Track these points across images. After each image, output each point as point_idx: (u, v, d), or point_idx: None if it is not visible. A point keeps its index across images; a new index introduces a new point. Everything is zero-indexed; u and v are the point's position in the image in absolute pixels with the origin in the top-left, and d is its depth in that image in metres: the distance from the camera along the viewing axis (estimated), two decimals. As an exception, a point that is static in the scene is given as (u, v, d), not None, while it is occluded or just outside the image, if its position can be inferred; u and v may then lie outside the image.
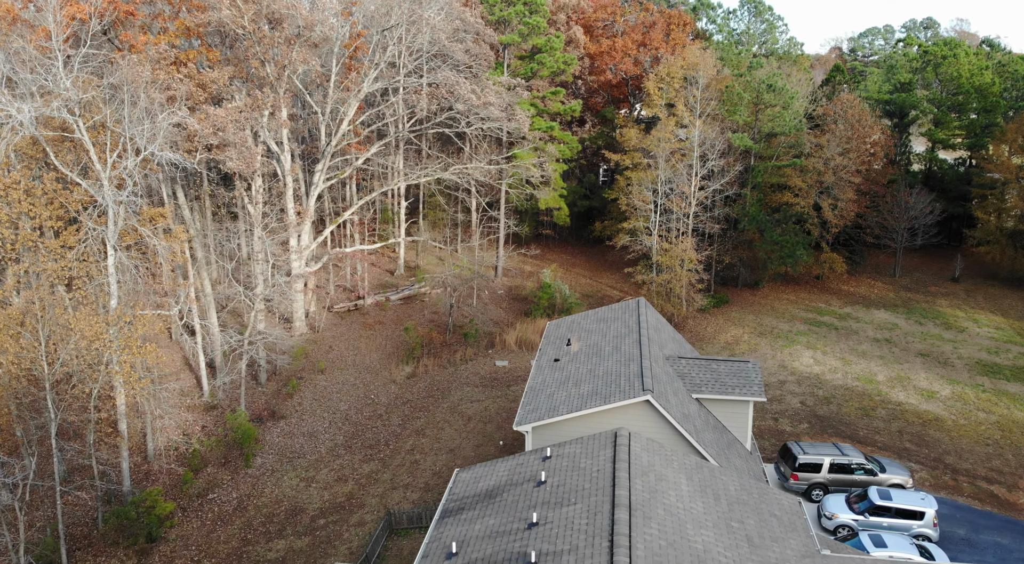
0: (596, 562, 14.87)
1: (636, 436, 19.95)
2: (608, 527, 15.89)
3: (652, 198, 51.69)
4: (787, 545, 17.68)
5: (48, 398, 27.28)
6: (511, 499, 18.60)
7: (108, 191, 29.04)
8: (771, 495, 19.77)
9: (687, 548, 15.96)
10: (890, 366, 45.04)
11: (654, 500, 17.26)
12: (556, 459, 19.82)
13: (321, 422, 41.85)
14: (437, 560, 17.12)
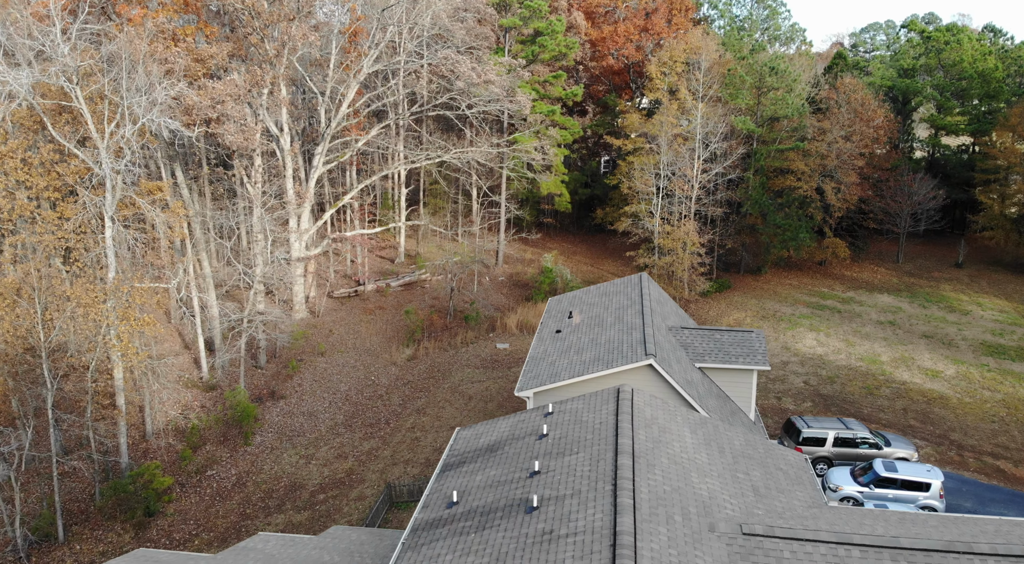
0: (599, 504, 14.57)
1: (639, 392, 19.64)
2: (611, 473, 15.59)
3: (654, 181, 51.41)
4: (794, 496, 17.37)
5: (44, 367, 27.00)
6: (512, 452, 18.30)
7: (106, 159, 28.77)
8: (777, 451, 19.46)
9: (691, 494, 15.65)
10: (894, 347, 44.71)
11: (658, 449, 16.96)
12: (558, 414, 19.52)
13: (321, 402, 41.56)
14: (438, 510, 16.82)
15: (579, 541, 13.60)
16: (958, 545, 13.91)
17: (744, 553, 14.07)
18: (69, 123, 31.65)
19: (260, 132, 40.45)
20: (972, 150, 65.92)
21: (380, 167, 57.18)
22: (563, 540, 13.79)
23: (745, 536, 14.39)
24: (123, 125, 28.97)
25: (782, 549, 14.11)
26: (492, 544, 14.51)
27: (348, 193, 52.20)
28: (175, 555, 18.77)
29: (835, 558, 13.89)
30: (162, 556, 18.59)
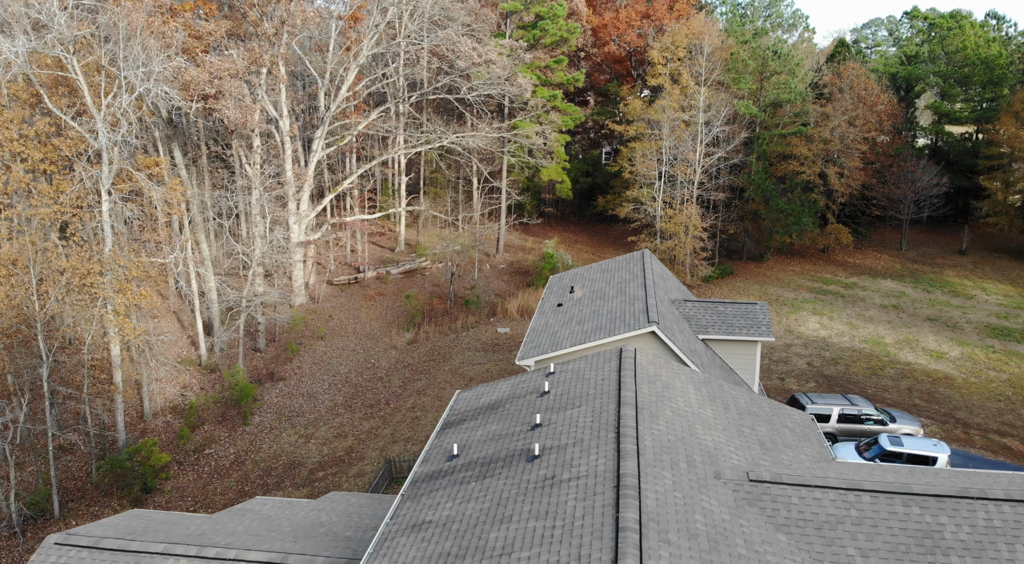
0: (602, 451, 14.24)
1: (642, 351, 19.32)
2: (614, 422, 15.26)
3: (657, 166, 51.09)
4: (801, 451, 17.03)
5: (40, 339, 26.68)
6: (513, 409, 17.97)
7: (102, 130, 28.46)
8: (783, 410, 19.12)
9: (696, 444, 15.32)
10: (898, 330, 44.35)
11: (661, 403, 16.62)
12: (560, 374, 19.19)
13: (321, 384, 41.22)
14: (438, 463, 16.49)
15: (582, 484, 13.27)
16: (972, 491, 13.58)
17: (751, 499, 13.74)
18: (66, 96, 31.35)
19: (259, 111, 40.14)
20: (976, 138, 65.56)
21: (380, 152, 56.85)
22: (565, 484, 13.47)
23: (752, 482, 14.06)
24: (120, 96, 28.67)
25: (790, 495, 13.78)
26: (493, 491, 14.18)
27: (348, 179, 51.86)
28: (170, 514, 18.44)
29: (844, 504, 13.56)
30: (156, 515, 18.26)
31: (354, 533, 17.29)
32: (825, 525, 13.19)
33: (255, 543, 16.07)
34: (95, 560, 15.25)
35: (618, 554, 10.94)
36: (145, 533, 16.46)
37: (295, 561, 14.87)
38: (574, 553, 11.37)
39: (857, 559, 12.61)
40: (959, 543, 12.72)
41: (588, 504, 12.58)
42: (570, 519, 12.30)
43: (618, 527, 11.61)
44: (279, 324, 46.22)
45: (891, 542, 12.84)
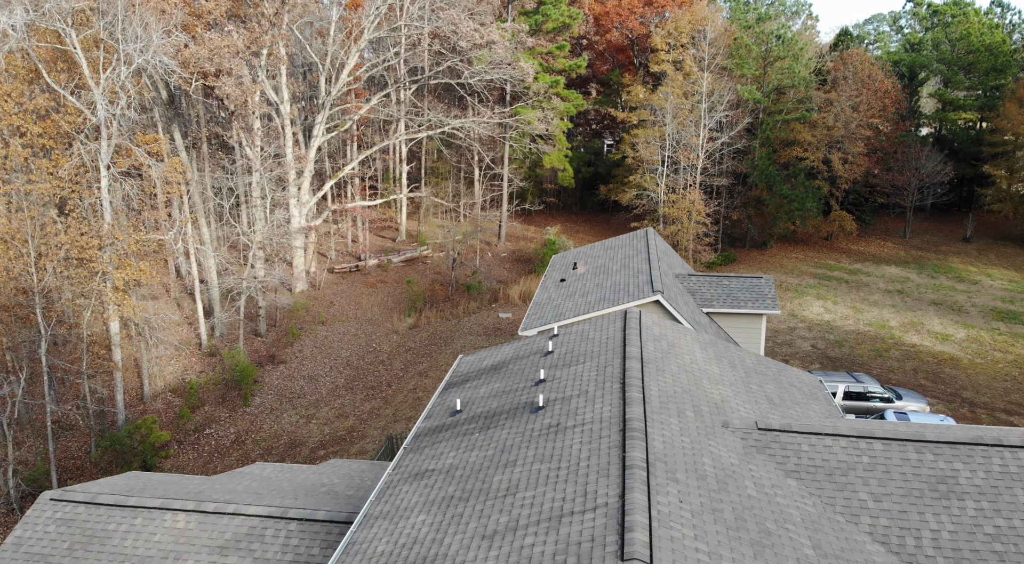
0: (607, 400, 13.96)
1: (647, 313, 19.04)
2: (620, 375, 14.98)
3: (660, 152, 50.83)
4: (809, 408, 16.75)
5: (38, 312, 26.44)
6: (517, 368, 17.70)
7: (100, 104, 28.22)
8: (791, 370, 18.84)
9: (703, 396, 15.04)
10: (902, 313, 44.05)
11: (667, 359, 16.35)
12: (564, 336, 18.92)
13: (322, 367, 40.98)
14: (440, 418, 16.21)
15: (587, 430, 13.00)
16: (986, 438, 13.29)
17: (760, 446, 13.46)
18: (64, 71, 31.11)
19: (259, 93, 39.90)
20: (979, 126, 65.23)
21: (382, 138, 56.60)
22: (570, 430, 13.19)
23: (761, 431, 13.79)
24: (118, 68, 28.42)
25: (800, 443, 13.51)
26: (497, 440, 13.92)
27: (349, 164, 51.63)
28: (168, 476, 18.18)
29: (856, 451, 13.28)
30: (155, 476, 18.00)
31: (355, 493, 17.03)
32: (836, 471, 12.91)
33: (255, 499, 15.81)
34: (91, 515, 14.99)
35: (625, 489, 10.67)
36: (143, 491, 16.20)
37: (295, 514, 14.61)
38: (580, 490, 11.10)
39: (869, 503, 12.33)
40: (974, 488, 12.43)
41: (594, 446, 12.31)
42: (575, 461, 12.04)
43: (624, 465, 11.33)
44: (280, 309, 45.99)
45: (904, 487, 12.55)
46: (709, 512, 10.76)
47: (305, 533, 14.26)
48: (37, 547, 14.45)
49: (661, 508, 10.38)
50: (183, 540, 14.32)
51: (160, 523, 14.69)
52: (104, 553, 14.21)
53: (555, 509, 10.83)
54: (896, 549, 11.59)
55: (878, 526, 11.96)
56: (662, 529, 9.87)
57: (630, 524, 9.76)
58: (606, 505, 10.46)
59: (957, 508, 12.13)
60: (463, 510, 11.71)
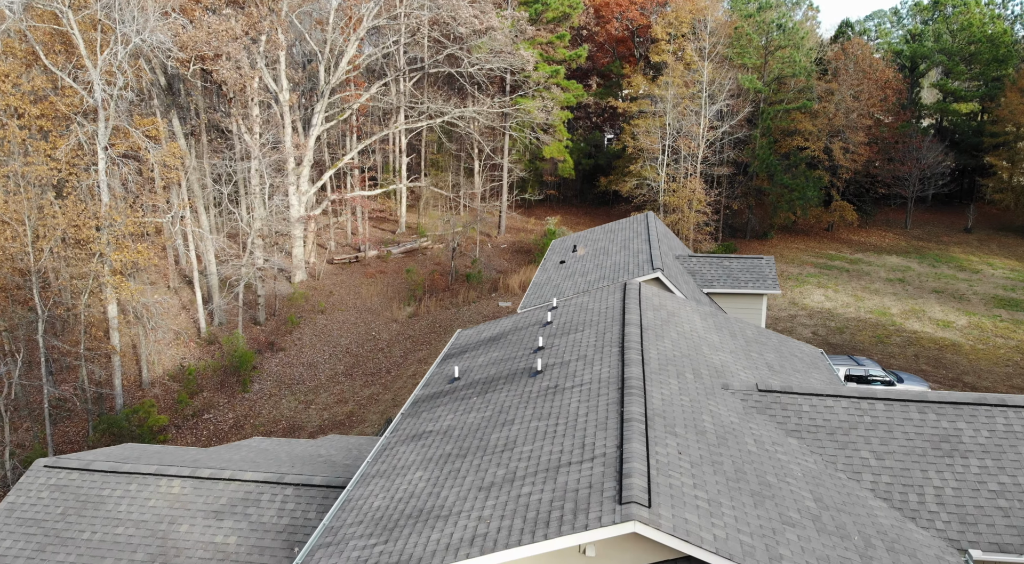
0: (606, 362, 13.82)
1: (646, 285, 18.90)
2: (619, 339, 14.84)
3: (660, 140, 50.68)
4: (810, 376, 16.60)
5: (35, 291, 26.31)
6: (516, 338, 17.56)
7: (98, 84, 28.08)
8: (792, 341, 18.69)
9: (703, 361, 14.90)
10: (903, 301, 43.88)
11: (667, 326, 16.21)
12: (563, 308, 18.78)
13: (321, 354, 40.84)
14: (439, 386, 16.08)
15: (585, 390, 12.85)
16: (990, 399, 13.15)
17: (760, 407, 13.32)
18: (62, 53, 30.99)
19: (257, 78, 39.77)
20: (981, 117, 65.04)
21: (381, 128, 56.48)
22: (568, 390, 13.05)
23: (761, 392, 13.64)
24: (115, 48, 28.29)
25: (801, 404, 13.37)
26: (495, 402, 13.77)
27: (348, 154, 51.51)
28: (164, 447, 18.05)
29: (858, 411, 13.13)
30: (150, 447, 17.87)
31: (353, 462, 16.89)
32: (838, 430, 12.77)
33: (251, 467, 15.67)
34: (85, 481, 14.86)
35: (623, 439, 10.53)
36: (138, 459, 16.07)
37: (291, 480, 14.47)
38: (577, 443, 10.96)
39: (871, 461, 12.18)
40: (978, 446, 12.28)
41: (591, 404, 12.17)
42: (573, 417, 11.90)
43: (623, 419, 11.19)
44: (279, 298, 45.86)
45: (907, 446, 12.41)
46: (708, 464, 10.62)
47: (301, 497, 14.13)
48: (30, 513, 14.31)
49: (660, 458, 10.24)
50: (178, 505, 14.18)
51: (155, 489, 14.56)
52: (98, 518, 14.08)
53: (552, 461, 10.69)
54: (899, 505, 11.44)
55: (880, 483, 11.82)
56: (661, 477, 9.73)
57: (628, 471, 9.63)
58: (604, 455, 10.32)
59: (960, 466, 11.99)
60: (460, 466, 11.57)
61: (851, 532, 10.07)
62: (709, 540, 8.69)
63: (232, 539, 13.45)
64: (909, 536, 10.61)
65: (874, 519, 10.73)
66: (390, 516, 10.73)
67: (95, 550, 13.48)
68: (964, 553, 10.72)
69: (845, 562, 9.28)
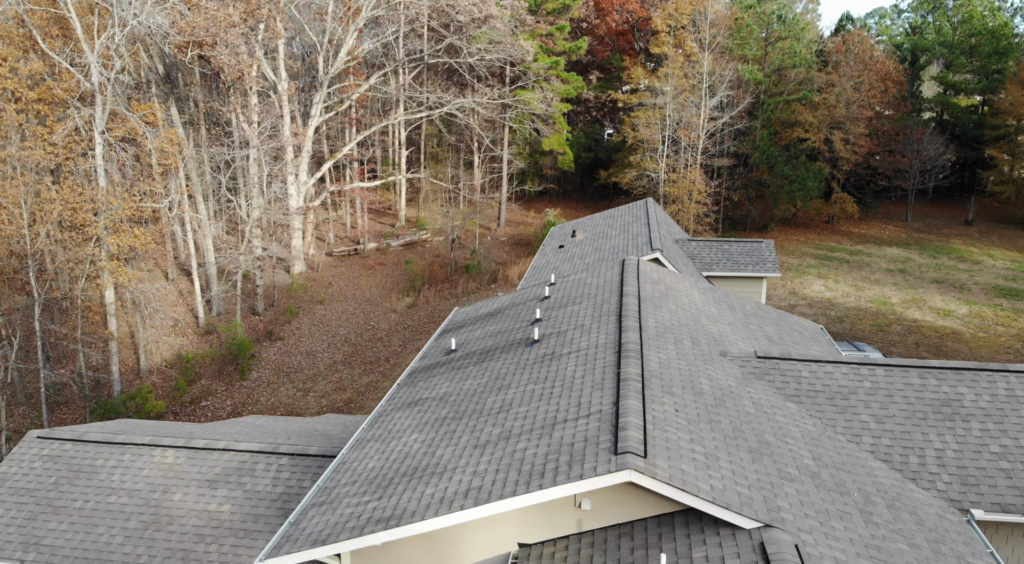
0: (603, 329, 13.69)
1: (645, 262, 18.77)
2: (616, 309, 14.71)
3: (660, 131, 50.55)
4: (810, 348, 16.47)
5: (31, 274, 26.19)
6: (513, 313, 17.43)
7: (95, 67, 27.97)
8: (791, 317, 18.56)
9: (702, 331, 14.77)
10: (904, 291, 43.75)
11: (665, 298, 16.08)
12: (561, 283, 18.66)
13: (320, 344, 40.71)
14: (435, 358, 15.95)
15: (582, 355, 12.73)
16: (992, 366, 13.01)
17: (759, 373, 13.19)
18: (59, 38, 30.88)
19: (255, 66, 39.66)
20: (981, 110, 64.90)
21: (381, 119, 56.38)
22: (566, 356, 12.93)
23: (760, 359, 13.52)
24: (113, 30, 28.18)
25: (800, 370, 13.24)
26: (491, 370, 13.65)
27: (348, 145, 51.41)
28: (158, 422, 17.93)
29: (857, 376, 13.00)
30: (145, 422, 17.74)
31: (350, 436, 16.75)
32: (837, 395, 12.64)
33: (247, 439, 15.55)
34: (79, 451, 14.74)
35: (619, 397, 10.40)
36: (133, 432, 15.95)
37: (287, 450, 14.34)
38: (573, 402, 10.83)
39: (871, 425, 12.05)
40: (979, 410, 12.15)
41: (588, 367, 12.04)
42: (570, 380, 11.77)
43: (619, 379, 11.06)
44: (278, 289, 45.76)
45: (907, 410, 12.28)
46: (706, 422, 10.49)
47: (296, 467, 14.00)
48: (22, 482, 14.19)
49: (656, 414, 10.11)
50: (172, 474, 14.06)
51: (148, 459, 14.43)
52: (91, 487, 13.96)
53: (548, 419, 10.57)
54: (899, 467, 11.31)
55: (880, 446, 11.69)
56: (657, 431, 9.61)
57: (624, 425, 9.50)
58: (600, 412, 10.20)
59: (962, 429, 11.86)
60: (456, 427, 11.45)
61: (850, 489, 9.95)
62: (706, 490, 8.56)
63: (226, 507, 13.32)
64: (910, 495, 10.48)
65: (874, 478, 10.61)
66: (384, 475, 10.61)
67: (87, 518, 13.36)
68: (966, 513, 10.60)
69: (844, 516, 9.15)
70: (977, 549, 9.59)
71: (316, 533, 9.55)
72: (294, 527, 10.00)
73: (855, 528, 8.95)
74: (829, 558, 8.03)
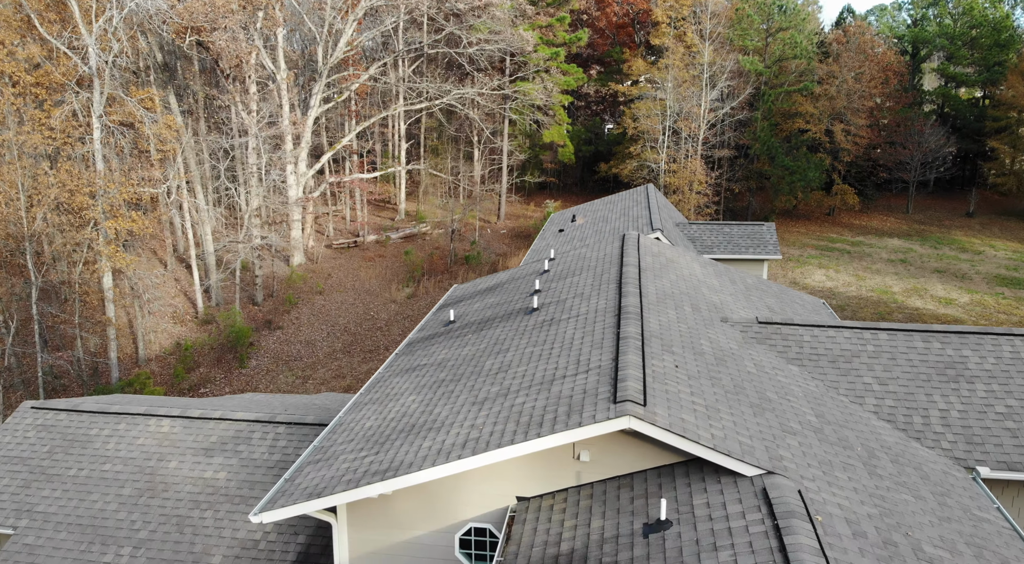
0: (603, 296, 13.54)
1: (644, 236, 18.62)
2: (616, 278, 14.56)
3: (661, 121, 50.42)
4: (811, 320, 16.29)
5: (28, 257, 26.05)
6: (512, 286, 17.29)
7: (93, 51, 27.84)
8: (793, 292, 18.41)
9: (702, 299, 14.62)
10: (905, 280, 43.59)
11: (665, 270, 15.93)
12: (560, 258, 18.51)
13: (319, 333, 40.57)
14: (434, 329, 15.81)
15: (582, 320, 12.58)
16: (996, 330, 12.85)
17: (760, 338, 13.04)
18: (56, 23, 30.74)
19: (254, 53, 39.53)
20: (982, 102, 64.73)
21: (380, 110, 56.26)
22: (565, 321, 12.78)
23: (761, 324, 13.37)
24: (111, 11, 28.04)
25: (802, 334, 13.09)
26: (490, 337, 13.50)
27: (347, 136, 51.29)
28: (153, 396, 17.78)
29: (860, 340, 12.86)
30: (140, 396, 17.59)
31: (346, 410, 16.60)
32: (840, 358, 12.49)
33: (243, 410, 15.40)
34: (73, 421, 14.59)
35: (619, 353, 10.25)
36: (128, 404, 15.80)
37: (284, 419, 14.19)
38: (572, 360, 10.68)
39: (875, 386, 11.90)
40: (984, 372, 12.00)
41: (588, 329, 11.90)
42: (569, 341, 11.62)
43: (619, 337, 10.92)
44: (277, 280, 45.62)
45: (911, 372, 12.13)
46: (707, 378, 10.34)
47: (293, 435, 13.85)
48: (16, 451, 14.05)
49: (656, 369, 9.97)
50: (167, 443, 13.92)
51: (144, 428, 14.29)
52: (85, 455, 13.81)
53: (547, 376, 10.42)
54: (903, 426, 11.16)
55: (883, 406, 11.54)
56: (657, 384, 9.46)
57: (623, 376, 9.35)
58: (599, 367, 10.05)
59: (967, 390, 11.71)
60: (454, 388, 11.30)
61: (854, 444, 9.79)
62: (707, 438, 8.41)
63: (222, 474, 13.17)
64: (914, 452, 10.32)
65: (878, 436, 10.45)
66: (382, 433, 10.46)
67: (81, 486, 13.21)
68: (972, 471, 10.44)
69: (848, 467, 9.00)
70: (983, 504, 9.44)
71: (312, 487, 9.40)
72: (289, 483, 9.86)
73: (859, 479, 8.80)
74: (833, 504, 7.88)
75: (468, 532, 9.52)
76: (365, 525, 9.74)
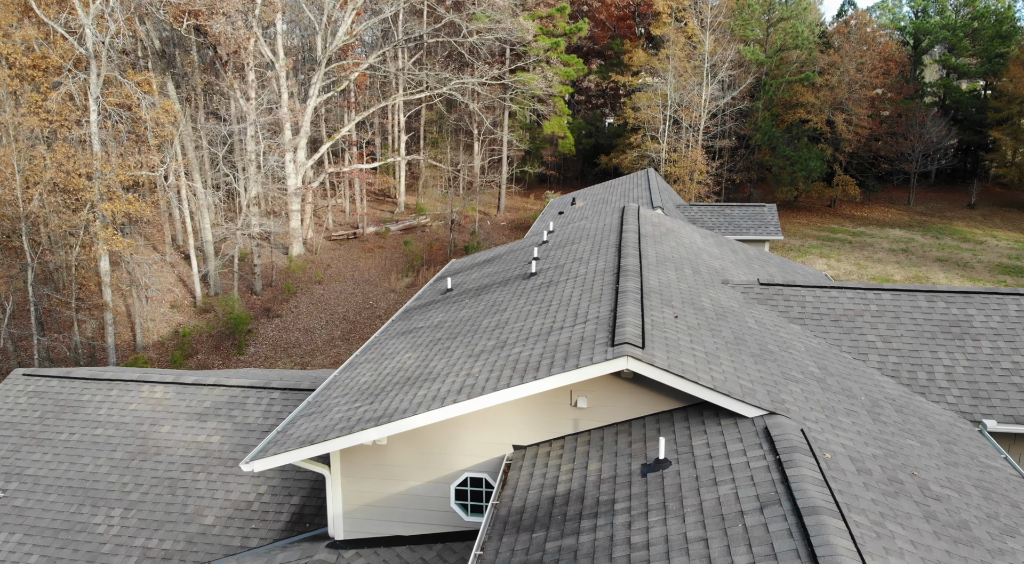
0: (602, 259, 13.34)
1: (644, 208, 18.43)
2: (616, 244, 14.37)
3: (661, 111, 50.23)
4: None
5: (23, 238, 25.87)
6: (511, 257, 17.09)
7: (90, 31, 27.66)
8: (794, 263, 18.21)
9: (703, 264, 14.42)
10: (907, 269, 43.38)
11: (666, 238, 15.73)
12: (559, 230, 18.33)
13: (318, 321, 40.38)
14: (431, 297, 15.61)
15: (580, 280, 12.38)
16: (1001, 290, 12.66)
17: (762, 298, 12.84)
18: (53, 5, 30.57)
19: (252, 40, 39.35)
20: (984, 93, 64.51)
21: (380, 100, 56.09)
22: (563, 283, 12.58)
23: (762, 285, 13.16)
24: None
25: (804, 295, 12.89)
26: (487, 300, 13.31)
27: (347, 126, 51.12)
28: (148, 369, 17.58)
29: (863, 300, 12.66)
30: (135, 369, 17.38)
31: (342, 380, 16.40)
32: (843, 317, 12.29)
33: (238, 378, 15.20)
34: (65, 387, 14.40)
35: (617, 304, 10.05)
36: (121, 373, 15.60)
37: (278, 384, 14.01)
38: (570, 313, 10.49)
39: (878, 344, 11.70)
40: (990, 330, 11.80)
41: (587, 287, 11.70)
42: (567, 299, 11.42)
43: (618, 291, 10.72)
44: (276, 269, 45.44)
45: (915, 330, 11.93)
46: (707, 330, 10.15)
47: (288, 400, 13.66)
48: (6, 416, 13.86)
49: (655, 320, 9.77)
50: (160, 408, 13.73)
51: (137, 394, 14.10)
52: (77, 420, 13.62)
53: (545, 328, 10.23)
54: (907, 382, 10.96)
55: (887, 363, 11.34)
56: (656, 331, 9.26)
57: (622, 324, 9.16)
58: (597, 318, 9.86)
59: (972, 347, 11.51)
60: (451, 345, 11.11)
61: (857, 394, 9.60)
62: (707, 379, 8.21)
63: (215, 438, 12.99)
64: (919, 404, 10.12)
65: (882, 388, 10.26)
66: (377, 386, 10.27)
67: (72, 450, 13.03)
68: (978, 424, 10.24)
69: (851, 413, 8.80)
70: (991, 453, 9.24)
71: (304, 436, 9.21)
72: (282, 434, 9.67)
73: (863, 424, 8.60)
74: (837, 444, 7.68)
75: (464, 482, 9.33)
76: (359, 477, 9.55)
